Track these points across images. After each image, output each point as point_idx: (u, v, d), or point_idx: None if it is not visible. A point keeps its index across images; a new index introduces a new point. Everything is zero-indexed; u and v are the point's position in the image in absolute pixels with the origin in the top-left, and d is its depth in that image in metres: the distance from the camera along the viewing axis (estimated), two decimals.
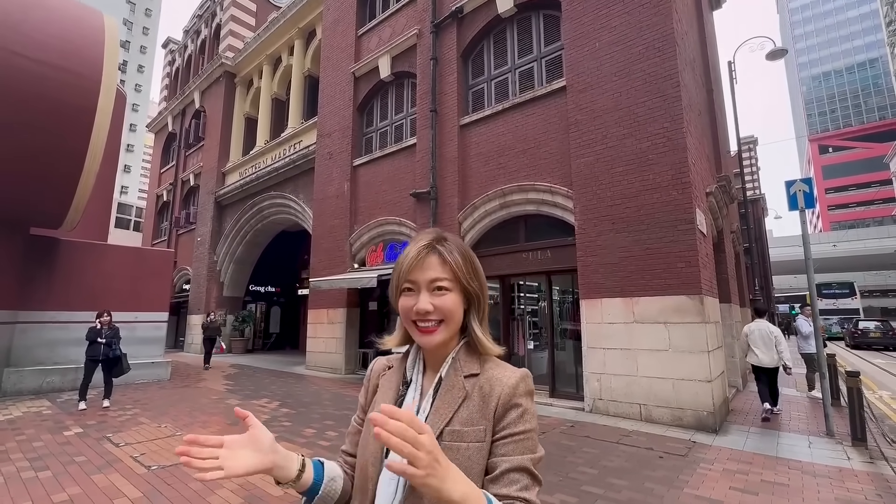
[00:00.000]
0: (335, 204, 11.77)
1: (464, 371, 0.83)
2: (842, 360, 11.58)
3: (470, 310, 0.87)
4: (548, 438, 5.20)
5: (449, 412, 0.79)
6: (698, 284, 5.81)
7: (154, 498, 3.49)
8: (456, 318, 0.84)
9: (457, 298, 0.83)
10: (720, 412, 5.81)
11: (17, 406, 6.97)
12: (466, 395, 0.80)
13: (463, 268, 0.84)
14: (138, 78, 58.37)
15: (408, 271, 0.84)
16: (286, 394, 8.22)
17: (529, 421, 0.79)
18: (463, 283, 0.84)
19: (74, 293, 8.89)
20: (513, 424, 0.77)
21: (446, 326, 0.83)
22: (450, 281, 0.83)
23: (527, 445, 0.77)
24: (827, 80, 70.93)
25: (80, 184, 7.26)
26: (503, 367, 0.85)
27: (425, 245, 0.85)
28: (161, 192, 22.27)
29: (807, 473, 4.14)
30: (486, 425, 0.77)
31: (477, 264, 0.88)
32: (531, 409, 0.80)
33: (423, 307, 0.81)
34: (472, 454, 0.75)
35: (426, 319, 0.82)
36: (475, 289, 0.86)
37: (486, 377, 0.82)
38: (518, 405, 0.79)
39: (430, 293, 0.82)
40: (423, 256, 0.84)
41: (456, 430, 0.77)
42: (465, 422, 0.78)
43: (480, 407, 0.79)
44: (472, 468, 0.74)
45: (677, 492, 3.65)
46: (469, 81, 9.55)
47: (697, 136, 7.44)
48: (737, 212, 13.40)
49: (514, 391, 0.79)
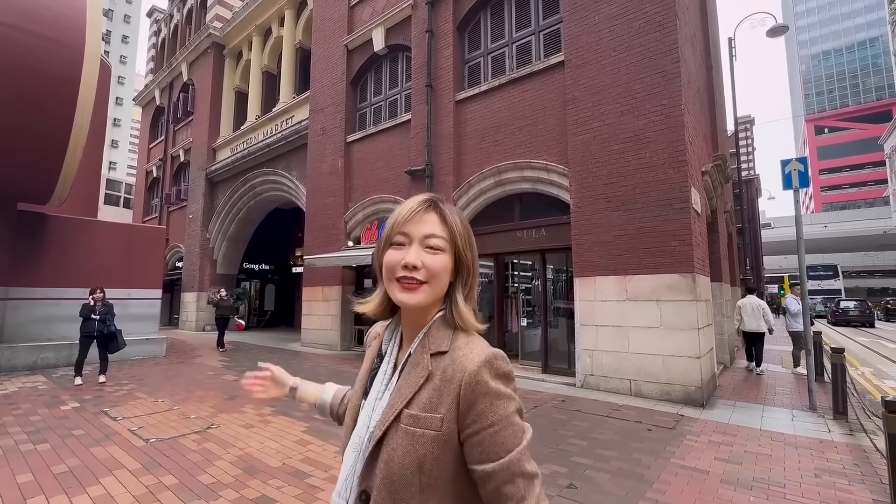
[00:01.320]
0: (329, 181, 11.63)
1: (431, 348, 0.76)
2: (827, 338, 11.87)
3: (457, 279, 0.80)
4: (540, 412, 5.32)
5: (409, 392, 0.73)
6: (691, 263, 5.86)
7: (153, 469, 3.55)
8: (441, 283, 0.77)
9: (447, 262, 0.78)
10: (708, 387, 5.96)
11: (13, 381, 6.99)
12: (429, 376, 0.73)
13: (462, 232, 0.80)
14: (123, 49, 56.44)
15: (403, 223, 0.78)
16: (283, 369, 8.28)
17: (501, 406, 0.71)
18: (458, 248, 0.79)
19: (66, 270, 8.81)
20: (482, 417, 0.70)
21: (430, 288, 0.76)
22: (445, 241, 0.78)
23: (504, 436, 0.70)
24: (826, 59, 70.23)
25: (67, 158, 7.08)
26: (472, 346, 0.75)
27: (426, 200, 0.81)
28: (150, 168, 21.86)
29: (789, 445, 4.28)
30: (444, 414, 0.70)
31: (472, 235, 0.84)
32: (502, 394, 0.72)
33: (412, 260, 0.75)
34: (426, 443, 0.69)
35: (411, 277, 0.75)
36: (468, 258, 0.80)
37: (451, 357, 0.74)
38: (484, 394, 0.70)
39: (422, 249, 0.77)
40: (422, 210, 0.79)
41: (414, 414, 0.71)
42: (423, 406, 0.71)
43: (440, 392, 0.71)
44: (427, 457, 0.69)
45: (664, 462, 3.77)
46: (465, 55, 9.34)
47: (695, 114, 7.37)
48: (731, 192, 13.43)
49: (475, 378, 0.70)
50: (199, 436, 4.40)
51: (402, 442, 0.70)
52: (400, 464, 0.69)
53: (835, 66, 69.08)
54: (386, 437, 0.72)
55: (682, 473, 3.54)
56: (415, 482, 0.69)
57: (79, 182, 8.38)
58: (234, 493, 3.13)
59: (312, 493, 3.15)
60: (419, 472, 0.69)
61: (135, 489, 3.18)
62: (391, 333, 0.86)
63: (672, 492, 3.20)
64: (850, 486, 3.36)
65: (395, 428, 0.72)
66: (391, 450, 0.71)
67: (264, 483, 3.31)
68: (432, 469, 0.69)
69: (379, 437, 0.72)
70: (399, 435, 0.71)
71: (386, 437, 0.72)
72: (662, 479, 3.43)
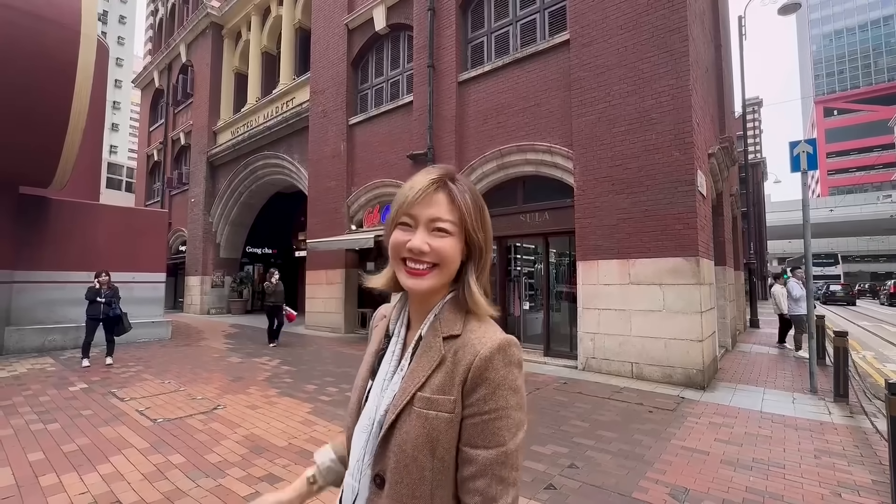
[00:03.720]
0: (331, 165, 11.54)
1: (443, 331, 0.75)
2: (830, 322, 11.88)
3: (469, 261, 0.78)
4: (541, 395, 5.36)
5: (423, 376, 0.72)
6: (695, 246, 5.83)
7: (161, 448, 3.61)
8: (451, 267, 0.75)
9: (456, 245, 0.75)
10: (709, 370, 5.98)
11: (21, 363, 7.09)
12: (442, 360, 0.72)
13: (472, 213, 0.76)
14: (120, 30, 55.58)
15: (411, 204, 0.75)
16: (287, 352, 8.39)
17: (504, 397, 0.68)
18: (468, 230, 0.76)
19: (69, 253, 8.85)
20: (482, 401, 0.68)
21: (439, 272, 0.74)
22: (454, 224, 0.75)
23: (496, 427, 0.67)
24: (838, 38, 68.46)
25: (67, 141, 7.03)
26: (485, 330, 0.74)
27: (435, 179, 0.76)
28: (151, 151, 21.74)
29: (789, 427, 4.32)
30: (455, 396, 0.70)
31: (486, 213, 0.80)
32: (509, 384, 0.69)
33: (418, 245, 0.73)
34: (440, 425, 0.69)
35: (418, 260, 0.74)
36: (479, 239, 0.77)
37: (463, 340, 0.73)
38: (491, 380, 0.69)
39: (429, 232, 0.74)
40: (430, 191, 0.75)
41: (427, 396, 0.70)
42: (437, 389, 0.71)
43: (451, 374, 0.71)
44: (440, 440, 0.68)
45: (664, 443, 3.81)
46: (468, 35, 9.13)
47: (703, 95, 7.23)
48: (737, 175, 13.27)
49: (486, 363, 0.69)
50: (206, 416, 4.47)
51: (416, 425, 0.70)
52: (413, 447, 0.69)
53: (847, 45, 67.39)
54: (399, 421, 0.71)
55: (683, 454, 3.58)
56: (428, 466, 0.68)
57: (80, 165, 8.35)
58: (240, 472, 3.19)
59: None
60: (432, 456, 0.69)
61: (143, 467, 3.24)
62: (398, 314, 0.84)
63: (672, 472, 3.24)
64: (849, 467, 3.39)
65: (408, 411, 0.71)
66: (404, 433, 0.70)
67: (270, 462, 3.36)
68: (445, 453, 0.69)
69: (392, 421, 0.72)
70: (412, 418, 0.70)
71: (399, 420, 0.71)
72: (663, 459, 3.47)
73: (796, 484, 3.09)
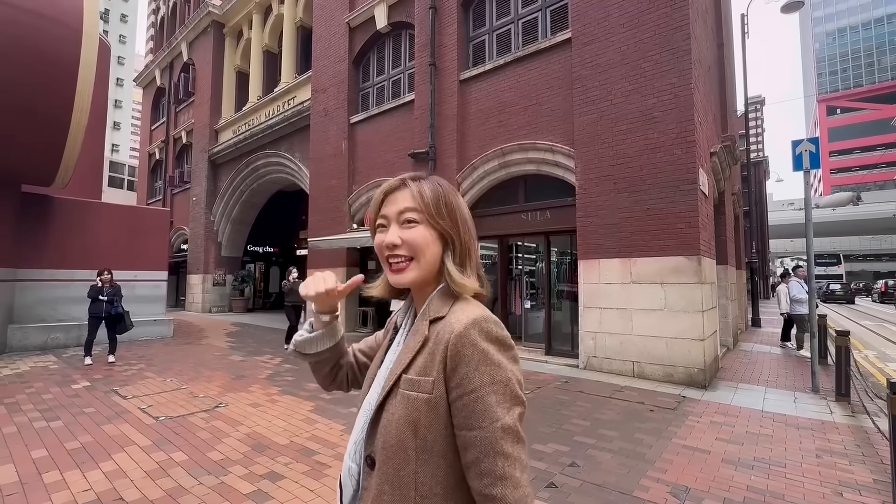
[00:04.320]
0: (333, 163, 11.54)
1: (430, 315, 0.76)
2: (832, 321, 11.86)
3: (446, 248, 0.80)
4: (543, 393, 5.37)
5: (407, 358, 0.74)
6: (697, 245, 5.82)
7: (164, 446, 3.62)
8: (427, 255, 0.78)
9: (426, 233, 0.78)
10: (710, 369, 5.98)
11: (24, 361, 7.12)
12: (425, 341, 0.74)
13: (431, 201, 0.79)
14: (122, 28, 55.60)
15: (378, 206, 0.82)
16: (288, 350, 8.40)
17: (486, 373, 0.68)
18: (431, 218, 0.78)
19: (72, 251, 8.87)
20: (465, 381, 0.68)
21: (416, 264, 0.78)
22: (418, 213, 0.78)
23: (487, 404, 0.66)
24: (842, 36, 68.16)
25: (69, 139, 7.04)
26: (464, 308, 0.75)
27: (397, 179, 0.83)
28: (153, 149, 21.77)
29: (790, 426, 4.31)
30: (435, 377, 0.70)
31: (453, 202, 0.82)
32: (490, 358, 0.69)
33: (391, 239, 0.78)
34: (420, 405, 0.69)
35: (396, 255, 0.78)
36: (445, 226, 0.79)
37: (445, 321, 0.74)
38: (470, 356, 0.68)
39: (400, 226, 0.79)
40: (393, 190, 0.82)
41: (410, 378, 0.72)
42: (419, 370, 0.72)
43: (433, 354, 0.72)
44: (421, 420, 0.69)
45: (666, 442, 3.81)
46: (470, 33, 9.12)
47: (705, 93, 7.21)
48: (739, 173, 13.23)
49: (461, 339, 0.69)
50: (208, 414, 4.48)
51: (399, 406, 0.71)
52: (396, 427, 0.70)
53: (850, 43, 67.08)
54: (386, 402, 0.74)
55: (684, 453, 3.58)
56: (410, 446, 0.69)
57: (82, 164, 8.36)
58: (243, 469, 3.20)
59: (320, 469, 3.21)
60: (414, 437, 0.69)
61: (146, 465, 3.26)
62: (405, 309, 0.89)
63: (673, 471, 3.24)
64: (850, 466, 3.39)
65: (394, 393, 0.73)
66: (390, 414, 0.72)
67: (272, 460, 3.37)
68: (426, 433, 0.69)
69: (380, 403, 0.74)
70: (397, 399, 0.72)
71: (386, 402, 0.74)
72: (664, 458, 3.47)
73: (797, 483, 3.09)
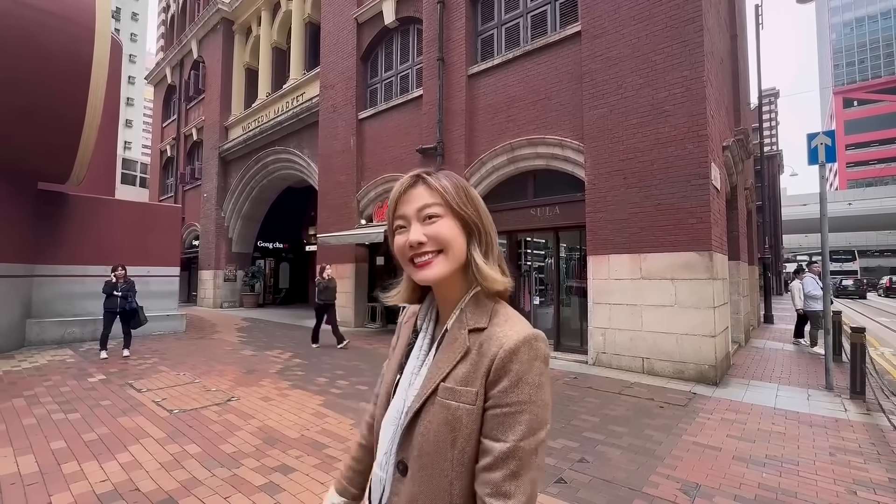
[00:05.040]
0: (341, 160, 11.58)
1: (469, 324, 0.75)
2: (847, 318, 11.66)
3: (471, 240, 0.78)
4: (552, 389, 5.36)
5: (447, 367, 0.73)
6: (709, 241, 5.75)
7: (178, 438, 3.69)
8: (455, 247, 0.75)
9: (452, 224, 0.75)
10: (721, 366, 5.92)
11: (42, 355, 7.29)
12: (467, 351, 0.73)
13: (452, 191, 0.76)
14: (133, 27, 56.14)
15: (396, 206, 0.79)
16: (298, 345, 8.49)
17: (525, 391, 0.67)
18: (455, 208, 0.76)
19: (86, 248, 9.03)
20: (503, 393, 0.67)
21: (444, 257, 0.75)
22: (440, 206, 0.76)
23: (518, 421, 0.66)
24: (859, 26, 66.52)
25: (83, 137, 7.16)
26: (511, 323, 0.74)
27: (411, 177, 0.80)
28: (164, 147, 22.01)
29: (803, 423, 4.26)
30: (478, 388, 0.70)
31: (472, 192, 0.80)
32: (532, 378, 0.68)
33: (415, 238, 0.74)
34: (461, 416, 0.69)
35: (422, 252, 0.75)
36: (470, 214, 0.77)
37: (489, 333, 0.73)
38: (516, 372, 0.68)
39: (422, 223, 0.76)
40: (408, 188, 0.79)
41: (450, 387, 0.71)
42: (460, 380, 0.71)
43: (476, 366, 0.71)
44: (461, 430, 0.69)
45: (675, 438, 3.79)
46: (478, 27, 9.06)
47: (718, 86, 7.09)
48: (752, 168, 13.02)
49: (511, 356, 0.68)
50: (220, 408, 4.55)
51: (438, 415, 0.70)
52: (435, 436, 0.70)
53: (868, 34, 65.46)
54: (423, 410, 0.73)
55: (694, 450, 3.55)
56: (448, 456, 0.69)
57: (95, 161, 8.49)
58: (255, 462, 3.25)
59: (330, 462, 3.25)
60: (452, 447, 0.69)
61: (161, 456, 3.32)
62: (426, 310, 0.86)
63: (683, 467, 3.23)
64: (865, 464, 3.34)
65: (431, 401, 0.72)
66: (427, 423, 0.71)
67: (283, 453, 3.42)
68: (465, 444, 0.69)
69: (416, 410, 0.73)
70: (435, 408, 0.71)
71: (423, 410, 0.73)
72: (674, 454, 3.45)
73: (810, 481, 3.06)
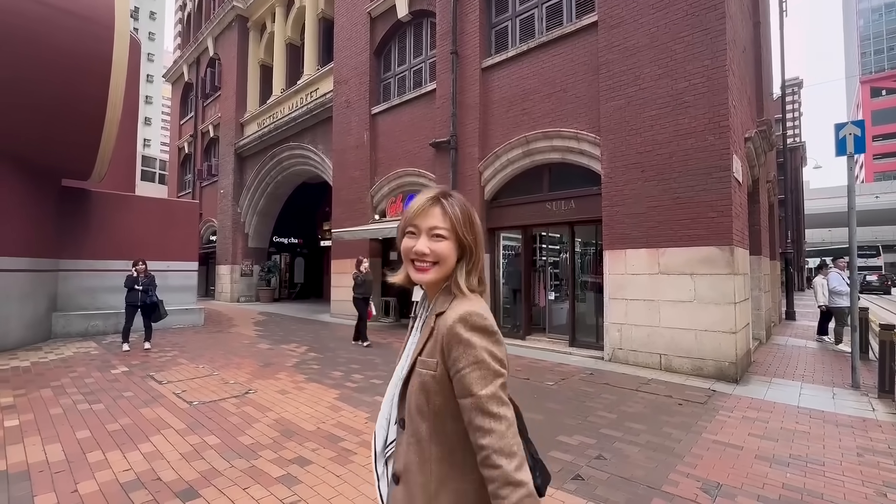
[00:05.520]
0: (355, 155, 11.61)
1: (436, 310, 0.95)
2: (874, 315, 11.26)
3: (462, 259, 0.98)
4: (568, 385, 5.32)
5: (421, 344, 0.95)
6: (730, 235, 5.60)
7: (197, 430, 3.76)
8: (448, 263, 0.96)
9: (451, 246, 0.96)
10: (742, 363, 5.79)
11: (68, 347, 7.51)
12: (432, 331, 0.93)
13: (461, 220, 0.96)
14: (151, 26, 57.07)
15: (412, 217, 0.97)
16: (313, 339, 8.58)
17: (470, 355, 0.86)
18: (459, 235, 0.96)
19: (108, 243, 9.25)
20: (456, 361, 0.87)
21: (438, 268, 0.96)
22: (447, 231, 0.95)
23: (472, 379, 0.85)
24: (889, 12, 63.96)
25: (104, 134, 7.30)
26: (460, 304, 0.92)
27: (431, 197, 0.98)
28: (182, 144, 22.39)
29: (829, 423, 4.14)
30: (437, 358, 0.90)
31: (475, 220, 0.99)
32: (473, 343, 0.86)
33: (421, 249, 0.95)
34: (428, 381, 0.90)
35: (422, 260, 0.95)
36: (469, 241, 0.97)
37: (445, 315, 0.92)
38: (458, 342, 0.87)
39: (429, 238, 0.95)
40: (428, 206, 0.97)
41: (423, 359, 0.93)
42: (428, 353, 0.92)
43: (436, 342, 0.91)
44: (430, 392, 0.90)
45: (695, 436, 3.72)
46: (492, 19, 8.95)
47: (740, 76, 6.88)
48: (774, 160, 12.64)
49: (451, 330, 0.88)
50: (238, 400, 4.62)
51: (416, 381, 0.93)
52: (416, 397, 0.93)
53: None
54: (409, 378, 0.95)
55: (715, 448, 3.48)
56: (426, 410, 0.91)
57: (116, 158, 8.67)
58: (272, 454, 3.29)
59: (346, 455, 3.27)
60: (427, 403, 0.91)
61: (181, 447, 3.39)
62: (422, 302, 1.07)
63: (704, 466, 3.16)
64: (895, 465, 3.23)
65: (414, 371, 0.95)
66: (412, 387, 0.94)
67: (300, 445, 3.46)
68: (435, 400, 0.90)
69: (405, 378, 0.97)
70: (415, 376, 0.94)
71: (409, 377, 0.95)
72: (693, 452, 3.38)
73: (837, 482, 2.96)
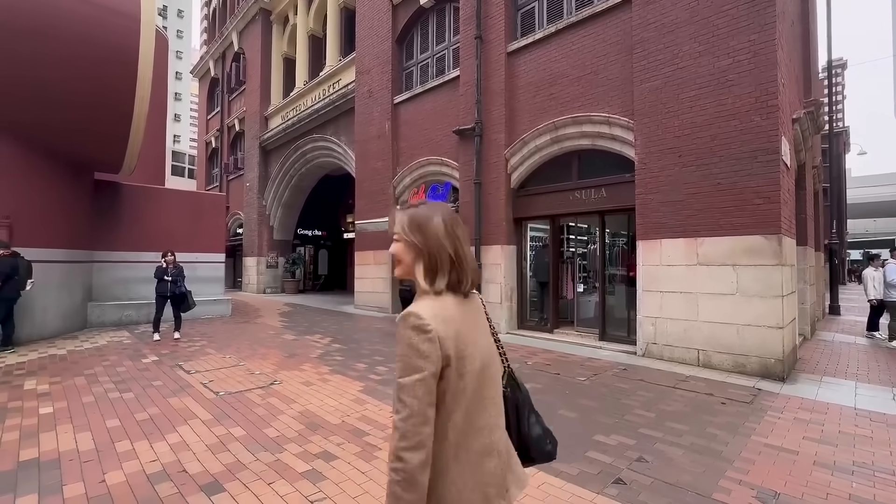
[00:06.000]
0: (377, 145, 11.51)
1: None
2: None
3: (417, 258, 1.09)
4: (600, 380, 5.08)
5: None
6: (777, 223, 5.21)
7: (223, 420, 3.73)
8: (404, 262, 1.10)
9: (402, 247, 1.10)
10: (789, 360, 5.42)
11: (102, 336, 7.72)
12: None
13: (405, 225, 1.09)
14: (179, 24, 58.37)
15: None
16: (337, 330, 8.58)
17: (401, 347, 0.99)
18: (404, 236, 1.09)
19: (140, 235, 9.47)
20: (396, 351, 1.01)
21: (399, 266, 1.12)
22: (398, 234, 1.10)
23: (399, 368, 0.98)
24: None
25: (133, 127, 7.40)
26: (412, 305, 1.04)
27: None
28: (209, 138, 22.83)
29: (892, 426, 3.79)
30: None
31: (424, 225, 1.07)
32: (403, 339, 0.98)
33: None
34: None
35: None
36: (416, 241, 1.07)
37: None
38: (397, 337, 1.00)
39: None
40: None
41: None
42: None
43: None
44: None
45: (744, 439, 3.44)
46: (518, 0, 8.61)
47: (788, 52, 6.39)
48: (819, 144, 11.86)
49: (397, 326, 1.02)
50: (264, 391, 4.59)
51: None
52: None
53: None
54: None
55: (767, 452, 3.21)
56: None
57: (146, 153, 8.83)
58: (297, 448, 3.21)
59: (371, 451, 3.16)
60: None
61: (207, 438, 3.35)
62: None
63: (757, 472, 2.91)
64: None
65: None
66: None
67: (325, 439, 3.37)
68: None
69: None
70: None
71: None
72: (744, 457, 3.12)
73: None
